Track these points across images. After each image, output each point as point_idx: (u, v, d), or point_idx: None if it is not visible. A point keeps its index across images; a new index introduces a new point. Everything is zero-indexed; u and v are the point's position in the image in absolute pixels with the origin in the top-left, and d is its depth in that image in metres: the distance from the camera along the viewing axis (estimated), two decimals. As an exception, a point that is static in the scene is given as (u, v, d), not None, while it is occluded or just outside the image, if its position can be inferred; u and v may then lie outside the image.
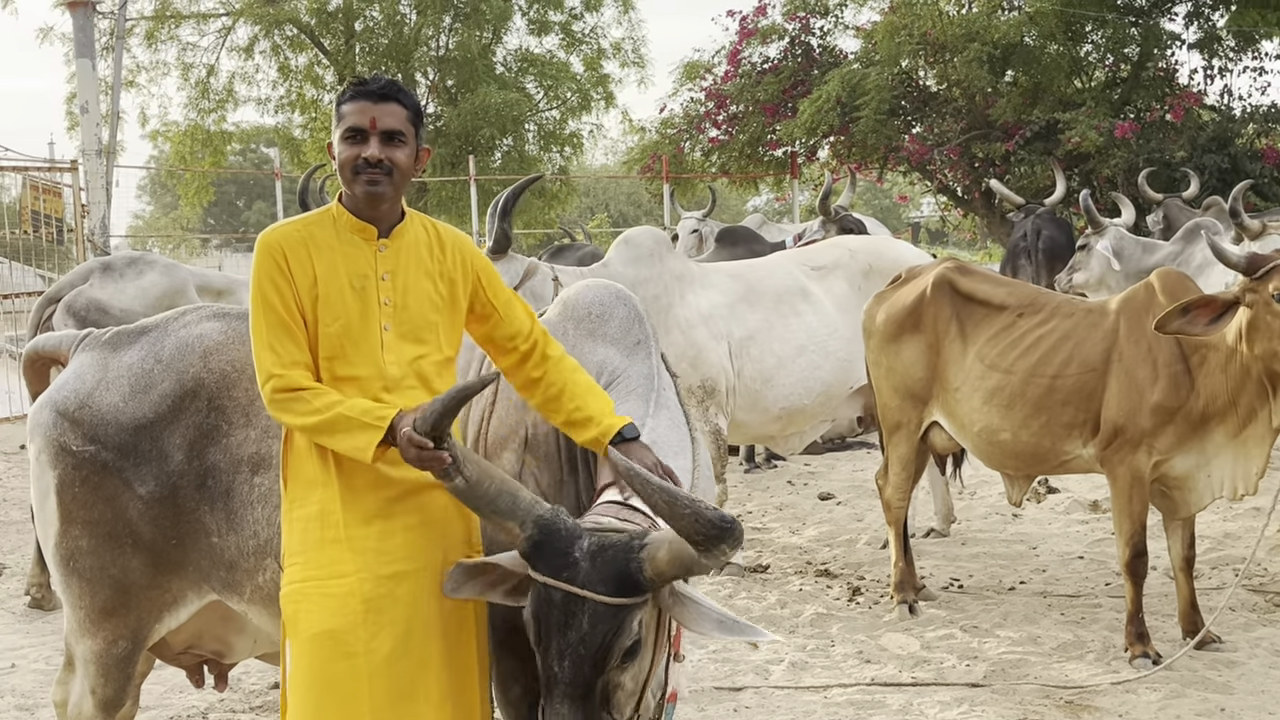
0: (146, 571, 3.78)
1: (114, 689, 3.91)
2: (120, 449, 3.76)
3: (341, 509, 3.28)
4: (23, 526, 8.71)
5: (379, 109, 3.34)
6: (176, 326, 3.95)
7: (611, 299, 3.79)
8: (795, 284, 7.59)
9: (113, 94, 14.59)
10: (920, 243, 43.56)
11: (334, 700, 3.24)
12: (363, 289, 3.35)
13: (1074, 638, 6.11)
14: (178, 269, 7.80)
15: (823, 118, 16.56)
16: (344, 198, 3.43)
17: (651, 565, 3.07)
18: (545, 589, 3.09)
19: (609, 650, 3.07)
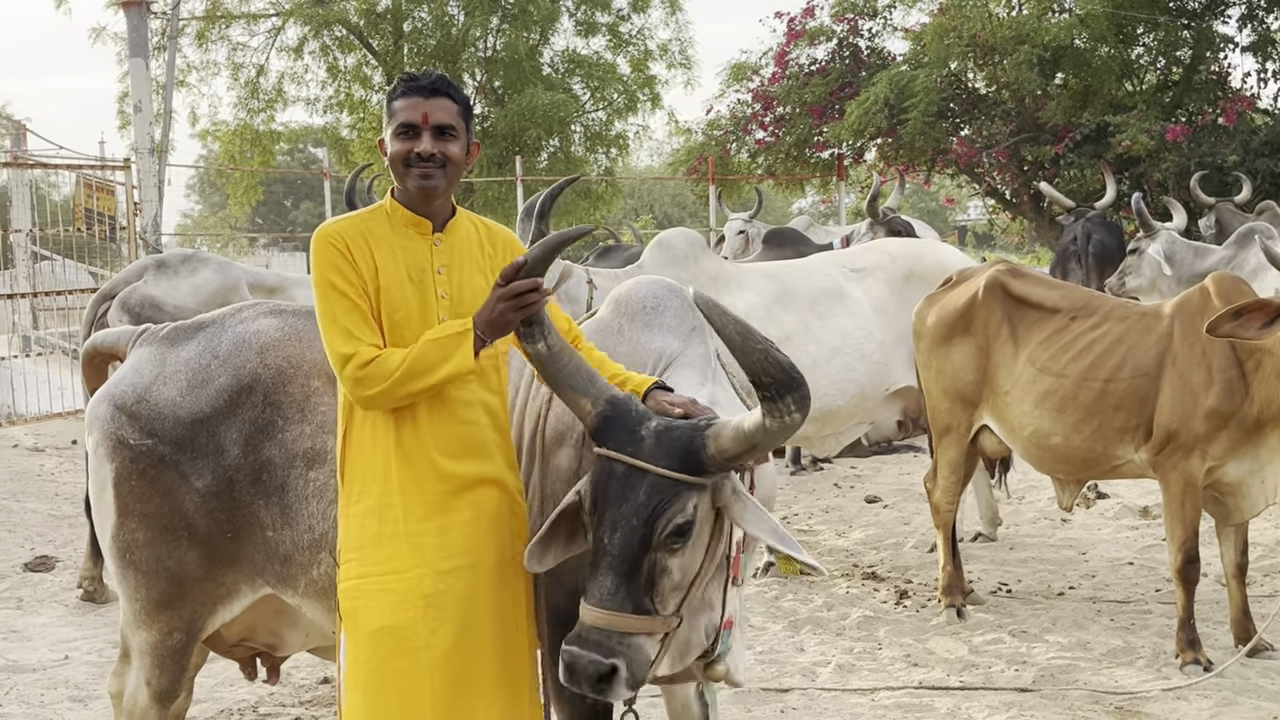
0: (201, 564, 3.82)
1: (169, 680, 3.95)
2: (177, 443, 3.79)
3: (401, 504, 3.30)
4: (74, 521, 8.81)
5: (430, 104, 3.37)
6: (233, 322, 3.98)
7: (664, 291, 3.81)
8: (833, 285, 7.56)
9: (165, 93, 14.74)
10: (967, 246, 43.38)
11: (396, 695, 3.25)
12: (421, 282, 3.37)
13: (1124, 644, 6.07)
14: (231, 266, 7.86)
15: (870, 120, 16.51)
16: (397, 193, 3.45)
17: (715, 443, 3.11)
18: (607, 462, 3.13)
19: (660, 524, 3.08)
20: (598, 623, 3.05)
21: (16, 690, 5.76)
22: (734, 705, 5.40)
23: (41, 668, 6.07)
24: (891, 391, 7.57)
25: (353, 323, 3.27)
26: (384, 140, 3.45)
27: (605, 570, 3.08)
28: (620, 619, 3.05)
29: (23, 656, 6.23)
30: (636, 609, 3.07)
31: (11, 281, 14.90)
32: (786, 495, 9.70)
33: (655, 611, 3.10)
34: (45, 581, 7.61)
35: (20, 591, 7.40)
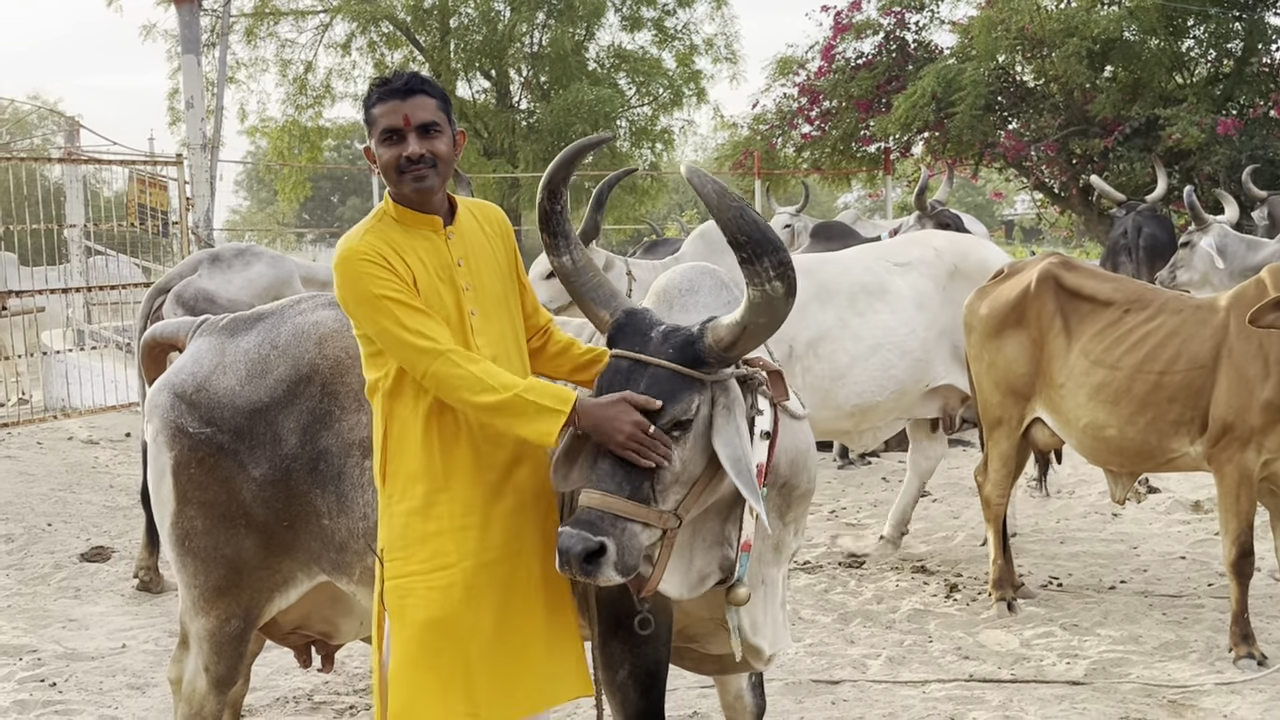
0: (259, 552, 3.86)
1: (227, 666, 4.01)
2: (236, 431, 3.84)
3: (446, 501, 3.33)
4: (129, 512, 8.92)
5: (409, 104, 3.37)
6: (292, 314, 4.02)
7: (696, 274, 3.80)
8: (874, 280, 7.47)
9: (216, 89, 14.87)
10: (1014, 240, 43.12)
11: (448, 687, 3.30)
12: (449, 279, 3.39)
13: (1176, 638, 6.04)
14: (284, 260, 7.94)
15: (917, 113, 16.43)
16: (394, 197, 3.46)
17: (712, 333, 3.21)
18: (615, 360, 3.27)
19: (659, 408, 3.16)
20: (591, 503, 3.11)
21: (75, 678, 5.85)
22: (785, 697, 5.41)
23: (100, 656, 6.15)
24: (931, 388, 7.51)
25: (422, 324, 3.25)
26: (370, 148, 3.46)
27: (605, 453, 3.15)
28: (615, 501, 3.10)
29: (81, 645, 6.32)
30: (634, 494, 3.12)
31: (65, 276, 15.06)
32: (834, 489, 9.70)
33: (654, 501, 3.14)
34: (101, 572, 7.71)
35: (77, 581, 7.50)
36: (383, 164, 3.40)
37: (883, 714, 5.25)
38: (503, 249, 3.57)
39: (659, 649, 3.56)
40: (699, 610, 3.61)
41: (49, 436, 12.11)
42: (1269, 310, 5.34)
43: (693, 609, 3.60)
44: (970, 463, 8.86)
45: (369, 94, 3.45)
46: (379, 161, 3.41)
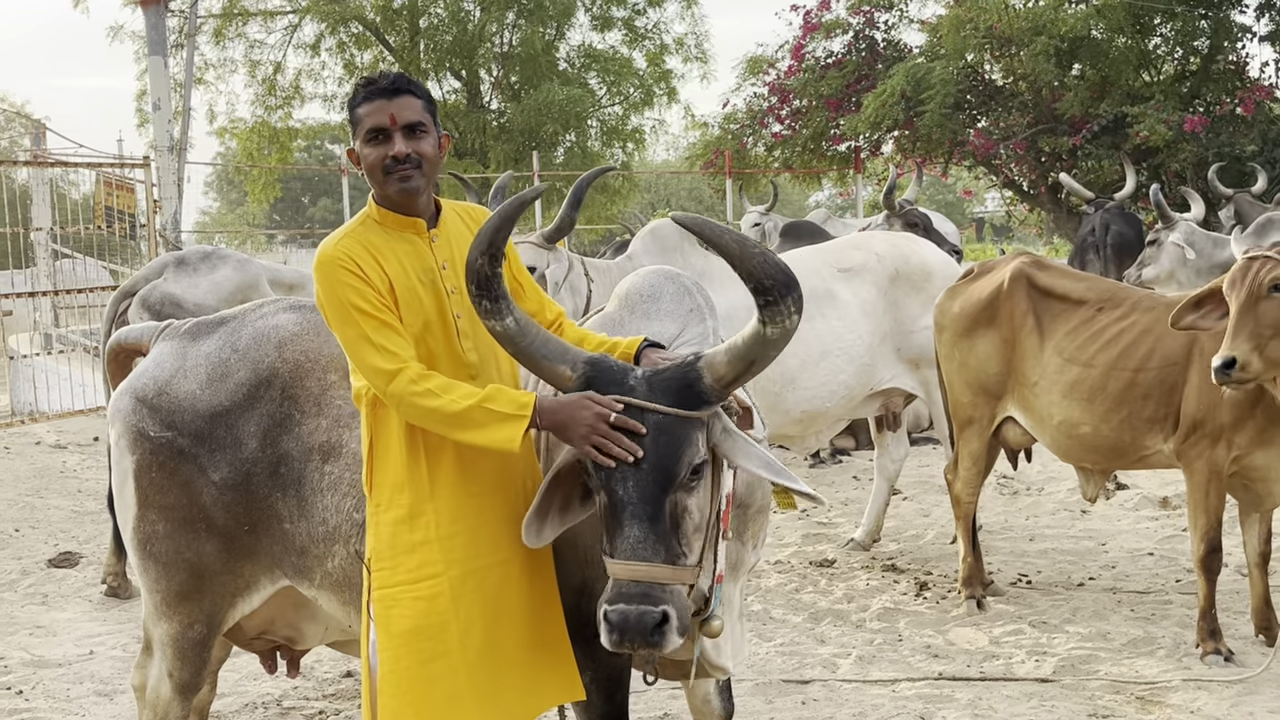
0: (220, 556, 3.85)
1: (190, 672, 3.99)
2: (196, 435, 3.83)
3: (433, 510, 3.31)
4: (98, 517, 8.86)
5: (395, 104, 3.36)
6: (254, 318, 4.02)
7: (659, 279, 3.80)
8: (822, 286, 7.46)
9: (184, 91, 14.79)
10: (984, 238, 43.25)
11: (437, 697, 3.28)
12: (431, 283, 3.38)
13: (1144, 634, 6.07)
14: (250, 264, 7.89)
15: (887, 112, 16.48)
16: (378, 199, 3.43)
17: (710, 371, 3.13)
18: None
19: (677, 464, 3.07)
20: (635, 575, 3.02)
21: (43, 685, 5.81)
22: (755, 697, 5.42)
23: (67, 663, 6.11)
24: (874, 391, 7.55)
25: (387, 339, 3.24)
26: (353, 149, 3.43)
27: (629, 521, 3.05)
28: (656, 569, 3.03)
29: (48, 652, 6.28)
30: (669, 557, 3.05)
31: (32, 280, 14.97)
32: (805, 488, 9.69)
33: (683, 557, 3.09)
34: (69, 577, 7.66)
35: (45, 587, 7.45)
36: (368, 164, 3.37)
37: (853, 713, 5.26)
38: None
39: (620, 656, 3.56)
40: None
41: (16, 441, 12.04)
42: (1187, 311, 5.39)
43: None
44: (940, 461, 8.87)
45: (354, 93, 3.43)
46: (364, 162, 3.38)
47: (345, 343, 3.29)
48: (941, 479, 7.63)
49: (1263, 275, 5.19)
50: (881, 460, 7.95)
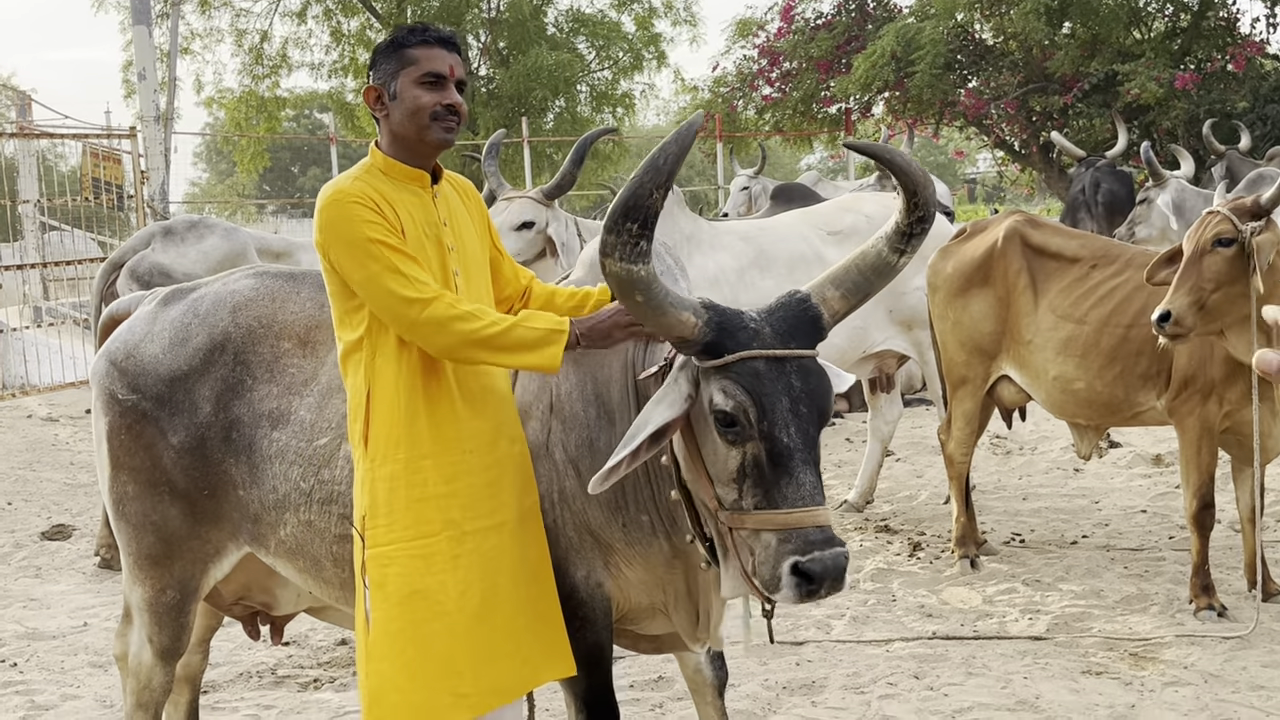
0: (185, 521, 3.85)
1: (169, 637, 3.97)
2: (157, 399, 3.84)
3: (432, 467, 3.27)
4: (90, 489, 8.85)
5: (452, 57, 3.33)
6: (218, 284, 4.03)
7: None
8: (810, 250, 7.43)
9: (169, 61, 14.71)
10: (977, 199, 43.17)
11: (433, 659, 3.24)
12: (435, 238, 3.33)
13: (1137, 591, 6.08)
14: (238, 232, 7.85)
15: (877, 73, 16.41)
16: (387, 148, 3.37)
17: (826, 307, 3.10)
18: (751, 363, 2.98)
19: (827, 404, 3.04)
20: (817, 520, 2.93)
21: (37, 657, 5.81)
22: (749, 658, 5.42)
23: (61, 634, 6.11)
24: (866, 354, 7.53)
25: (414, 270, 3.17)
26: (375, 87, 3.35)
27: (800, 467, 2.95)
28: (827, 512, 2.98)
29: (42, 624, 6.27)
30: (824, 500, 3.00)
31: (21, 252, 14.91)
32: (799, 451, 9.69)
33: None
34: (63, 550, 7.65)
35: (38, 560, 7.44)
36: (415, 105, 3.29)
37: (847, 673, 5.27)
38: (479, 218, 3.54)
39: (600, 632, 3.54)
40: (640, 598, 3.61)
41: (8, 415, 12.02)
42: (1160, 267, 5.39)
43: (634, 596, 3.60)
44: (933, 422, 8.87)
45: (407, 33, 3.34)
46: (409, 103, 3.29)
47: (364, 280, 3.18)
48: (934, 440, 7.63)
49: (1207, 230, 5.20)
50: (875, 422, 7.94)
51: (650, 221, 2.98)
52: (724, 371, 3.00)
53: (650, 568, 3.53)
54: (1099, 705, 4.83)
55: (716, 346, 3.02)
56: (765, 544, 2.96)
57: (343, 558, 3.62)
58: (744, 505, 3.00)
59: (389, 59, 3.34)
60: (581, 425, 3.48)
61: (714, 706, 4.07)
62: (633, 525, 3.46)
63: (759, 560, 2.98)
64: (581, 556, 3.50)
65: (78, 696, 5.35)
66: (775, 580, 2.94)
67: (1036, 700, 4.90)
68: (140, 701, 4.05)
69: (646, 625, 3.74)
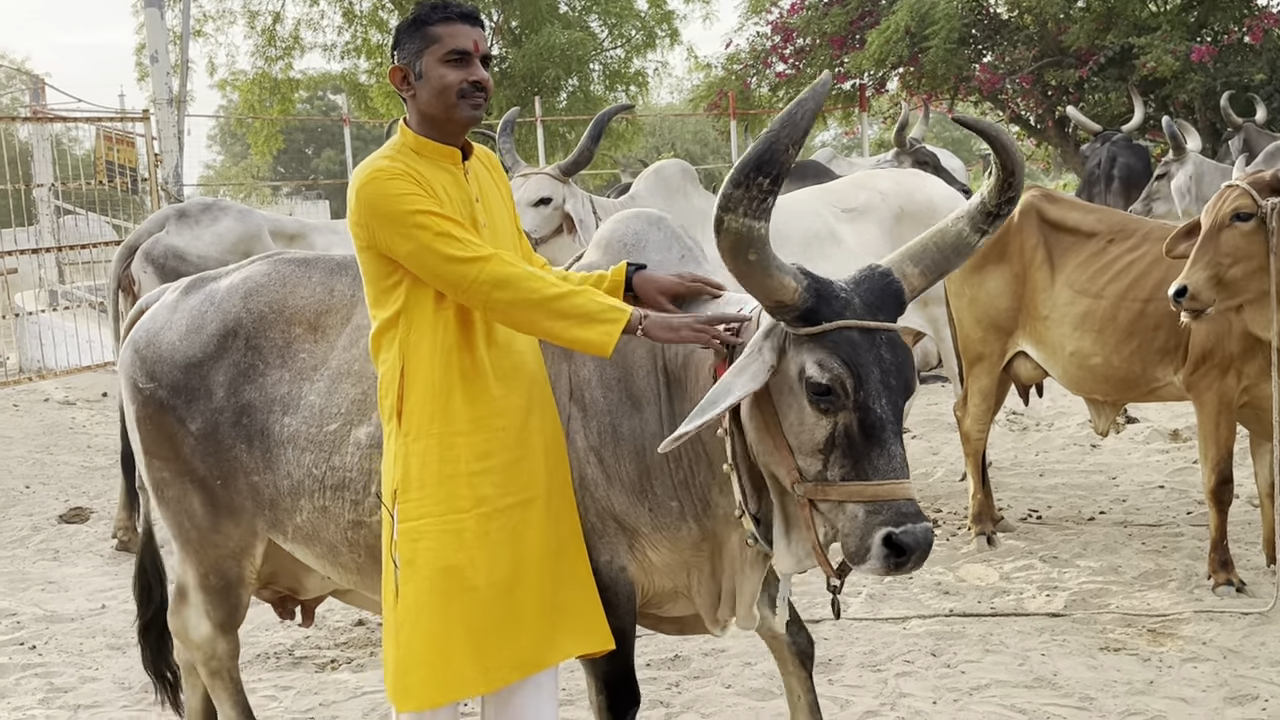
0: (208, 513, 3.87)
1: (225, 612, 4.01)
2: (173, 387, 3.85)
3: (465, 444, 3.26)
4: (108, 472, 8.88)
5: (476, 32, 3.30)
6: (236, 270, 4.02)
7: (643, 226, 3.70)
8: (825, 227, 7.38)
9: (181, 43, 14.70)
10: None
11: (462, 634, 3.24)
12: (469, 215, 3.31)
13: (1155, 567, 6.06)
14: (252, 214, 7.84)
15: (891, 49, 16.30)
16: (416, 126, 3.35)
17: (906, 283, 3.10)
18: (846, 333, 2.98)
19: (913, 377, 3.05)
20: (908, 493, 2.93)
21: (55, 640, 5.83)
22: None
23: (79, 617, 6.13)
24: None
25: (464, 234, 3.16)
26: (400, 67, 3.32)
27: (891, 439, 2.94)
28: (911, 485, 2.98)
29: (61, 607, 6.30)
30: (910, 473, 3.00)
31: (36, 237, 14.94)
32: (815, 428, 9.67)
33: None
34: (80, 533, 7.68)
35: (56, 543, 7.47)
36: (442, 84, 3.26)
37: (864, 651, 5.26)
38: (507, 194, 3.54)
39: (623, 616, 3.53)
40: (663, 582, 3.59)
41: (25, 398, 12.06)
42: (1179, 240, 5.35)
43: (658, 580, 3.58)
44: (949, 399, 8.84)
45: (427, 11, 3.30)
46: (435, 82, 3.27)
47: (414, 250, 3.15)
48: (950, 416, 7.60)
49: (1225, 204, 5.16)
50: None
51: (780, 178, 2.97)
52: (819, 340, 2.99)
53: (677, 550, 3.51)
54: (1117, 682, 4.82)
55: (814, 314, 3.00)
56: (852, 515, 2.95)
57: (358, 543, 3.62)
58: (829, 476, 2.98)
59: (412, 38, 3.31)
60: (602, 412, 3.47)
61: (797, 676, 3.97)
62: (660, 510, 3.45)
63: (845, 532, 2.97)
64: (604, 542, 3.49)
65: (96, 679, 5.38)
66: (864, 551, 2.93)
67: (1054, 677, 4.89)
68: (212, 670, 4.11)
69: (669, 607, 3.72)
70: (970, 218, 3.15)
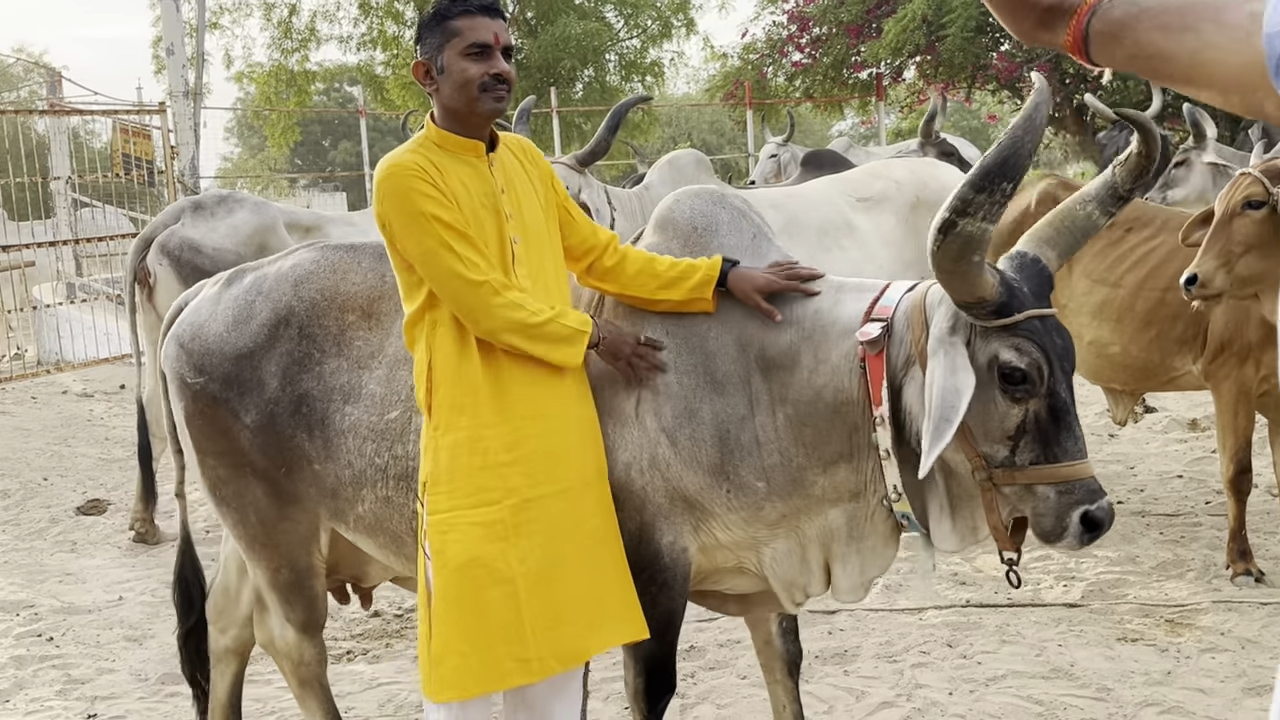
0: (273, 503, 3.80)
1: (304, 610, 3.93)
2: (224, 379, 3.78)
3: (494, 435, 3.25)
4: (125, 464, 8.91)
5: (496, 24, 3.29)
6: (281, 259, 3.96)
7: (708, 204, 3.68)
8: (840, 217, 7.35)
9: (197, 35, 14.72)
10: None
11: (493, 626, 3.22)
12: (492, 207, 3.30)
13: (1173, 556, 6.03)
14: (267, 206, 7.82)
15: (908, 37, 16.28)
16: (440, 120, 3.35)
17: (1050, 268, 3.19)
18: (1038, 321, 3.07)
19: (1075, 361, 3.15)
20: (1092, 472, 3.08)
21: (73, 631, 5.85)
22: (782, 628, 5.40)
23: (97, 609, 6.15)
24: None
25: (467, 250, 3.19)
26: (423, 62, 3.33)
27: (1075, 421, 3.07)
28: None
29: (78, 598, 6.32)
30: None
31: (53, 229, 14.98)
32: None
33: None
34: (98, 524, 7.70)
35: (74, 535, 7.50)
36: (463, 78, 3.26)
37: (880, 642, 5.25)
38: (540, 181, 3.49)
39: (676, 598, 3.50)
40: (724, 560, 3.56)
41: (43, 391, 12.10)
42: (1195, 228, 5.32)
43: (718, 558, 3.54)
44: (966, 388, 8.81)
45: (446, 5, 3.30)
46: (456, 75, 3.27)
47: (421, 253, 3.20)
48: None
49: (1237, 192, 5.13)
50: None
51: (1019, 183, 3.01)
52: (1011, 331, 3.06)
53: (750, 529, 3.47)
54: (1134, 672, 4.80)
55: (1006, 307, 3.06)
56: (1044, 497, 3.06)
57: None
58: (1018, 461, 3.08)
59: (433, 32, 3.32)
60: (677, 396, 3.43)
61: (784, 686, 4.00)
62: (742, 490, 3.41)
63: (1039, 512, 3.08)
64: (670, 522, 3.45)
65: (113, 670, 5.39)
66: (1061, 530, 3.06)
67: (1071, 668, 4.87)
68: (301, 679, 4.04)
69: (734, 584, 3.68)
70: (1099, 200, 3.23)
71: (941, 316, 3.15)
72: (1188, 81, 1.79)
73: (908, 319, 3.23)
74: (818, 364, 3.34)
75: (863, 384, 3.23)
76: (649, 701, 3.61)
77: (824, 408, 3.30)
